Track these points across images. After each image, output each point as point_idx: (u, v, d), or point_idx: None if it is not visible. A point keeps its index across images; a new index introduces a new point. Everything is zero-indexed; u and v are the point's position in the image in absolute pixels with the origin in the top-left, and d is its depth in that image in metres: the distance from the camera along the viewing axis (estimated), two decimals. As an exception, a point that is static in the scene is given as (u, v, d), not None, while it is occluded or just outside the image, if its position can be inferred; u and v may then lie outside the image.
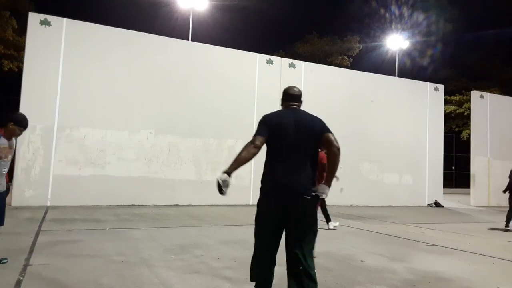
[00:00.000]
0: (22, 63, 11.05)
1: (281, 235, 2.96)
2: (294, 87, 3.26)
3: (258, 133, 2.95)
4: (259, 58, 12.80)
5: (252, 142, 2.88)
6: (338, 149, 2.84)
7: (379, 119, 14.39)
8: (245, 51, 12.85)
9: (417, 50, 36.09)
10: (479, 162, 15.78)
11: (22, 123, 4.17)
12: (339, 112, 13.71)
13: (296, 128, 2.93)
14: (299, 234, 2.86)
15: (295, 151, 2.89)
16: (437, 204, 14.62)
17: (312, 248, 2.96)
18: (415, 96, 15.31)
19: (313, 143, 2.95)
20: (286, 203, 2.82)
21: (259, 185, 3.05)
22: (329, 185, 2.89)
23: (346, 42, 35.85)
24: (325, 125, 3.02)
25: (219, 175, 2.75)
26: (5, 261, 4.19)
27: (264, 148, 2.97)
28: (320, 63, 22.16)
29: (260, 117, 3.12)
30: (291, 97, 3.21)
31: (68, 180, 10.03)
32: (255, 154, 2.87)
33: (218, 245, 5.68)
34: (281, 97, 3.22)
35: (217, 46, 12.55)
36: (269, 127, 2.96)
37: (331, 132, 2.94)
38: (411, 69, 35.28)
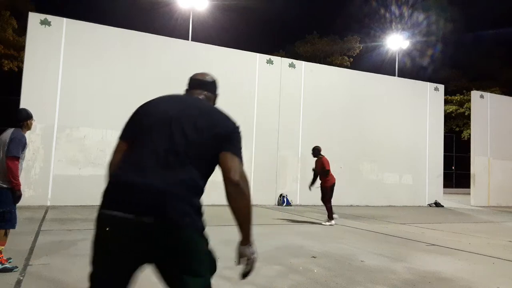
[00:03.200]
0: (22, 63, 11.06)
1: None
2: (205, 72, 2.11)
3: (120, 136, 1.90)
4: (259, 58, 12.80)
5: (110, 161, 1.84)
6: (238, 184, 1.67)
7: (379, 119, 14.39)
8: (245, 51, 12.85)
9: (417, 50, 36.12)
10: (479, 162, 15.78)
11: (30, 114, 4.25)
12: (339, 112, 13.72)
13: (179, 122, 1.72)
14: None
15: (170, 154, 1.65)
16: (437, 204, 14.61)
17: None
18: (415, 96, 15.31)
19: (210, 150, 1.73)
20: (148, 241, 1.57)
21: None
22: (247, 243, 1.76)
23: (346, 42, 35.87)
24: (235, 135, 1.79)
25: None
26: (16, 269, 4.01)
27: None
28: (320, 63, 22.15)
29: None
30: (193, 82, 2.08)
31: (68, 180, 10.03)
32: None
33: (218, 245, 5.65)
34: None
35: (217, 46, 12.55)
36: (136, 122, 1.83)
37: (236, 153, 1.75)
38: (411, 69, 35.32)
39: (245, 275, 1.81)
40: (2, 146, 4.00)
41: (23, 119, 4.15)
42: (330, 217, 8.30)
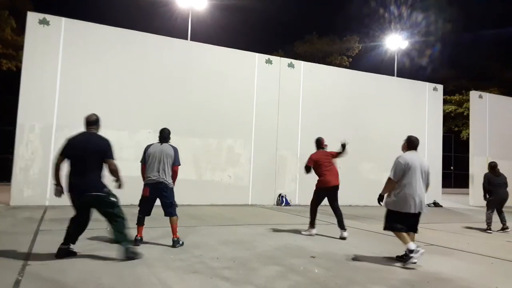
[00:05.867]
0: (21, 62, 11.02)
1: None
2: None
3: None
4: (258, 58, 12.79)
5: None
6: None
7: (379, 119, 14.40)
8: (244, 51, 12.84)
9: (416, 50, 36.14)
10: (478, 162, 15.79)
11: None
12: (338, 112, 13.72)
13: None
14: None
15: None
16: (436, 204, 14.62)
17: None
18: (414, 96, 15.33)
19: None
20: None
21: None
22: None
23: (345, 42, 35.87)
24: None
25: None
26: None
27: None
28: (319, 63, 22.15)
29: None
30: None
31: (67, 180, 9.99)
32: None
33: (217, 245, 5.68)
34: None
35: (216, 46, 12.54)
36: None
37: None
38: (410, 69, 35.36)
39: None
40: (164, 156, 5.43)
41: (169, 136, 5.64)
42: (311, 224, 7.10)
